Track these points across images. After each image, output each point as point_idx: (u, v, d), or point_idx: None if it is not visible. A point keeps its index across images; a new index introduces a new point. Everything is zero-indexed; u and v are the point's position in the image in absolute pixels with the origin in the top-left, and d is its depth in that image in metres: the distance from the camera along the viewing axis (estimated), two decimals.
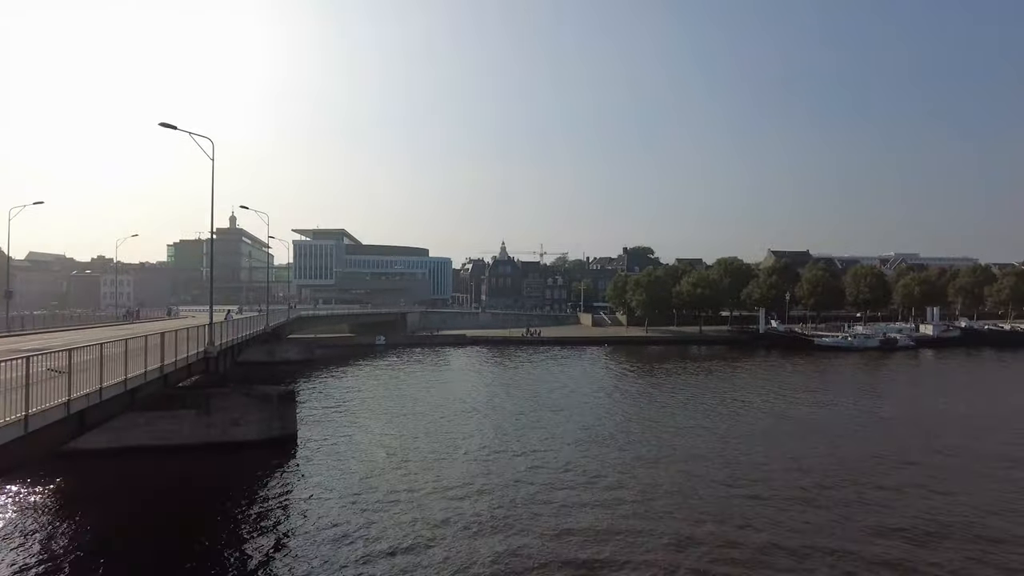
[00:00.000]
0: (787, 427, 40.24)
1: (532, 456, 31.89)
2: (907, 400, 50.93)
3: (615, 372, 68.31)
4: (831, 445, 35.30)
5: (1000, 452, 33.52)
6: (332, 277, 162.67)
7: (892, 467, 30.63)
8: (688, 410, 45.78)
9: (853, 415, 44.22)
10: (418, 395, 51.85)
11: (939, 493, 26.32)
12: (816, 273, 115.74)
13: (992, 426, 40.36)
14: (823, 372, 67.69)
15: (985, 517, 23.28)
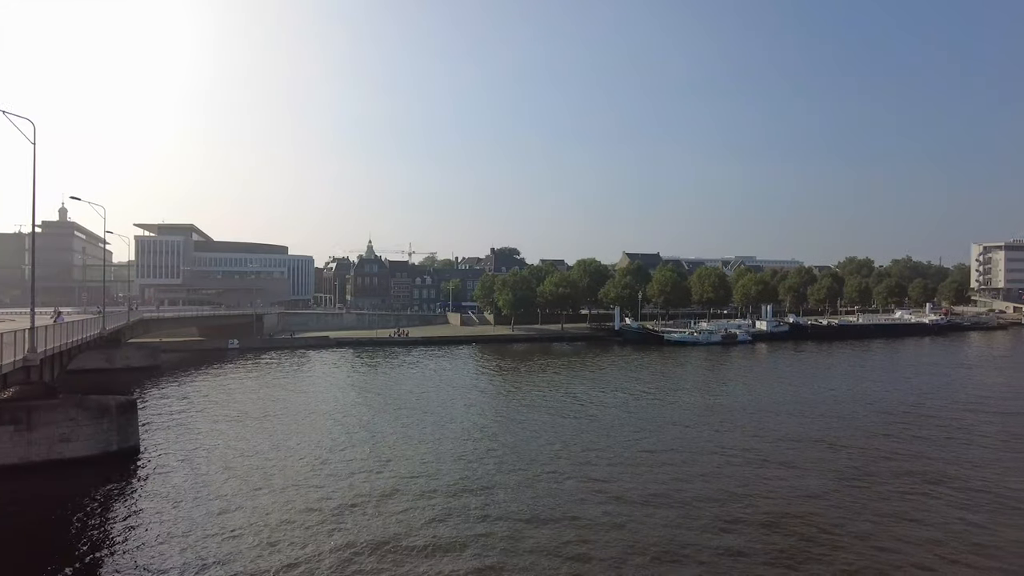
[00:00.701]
0: (638, 418, 43.04)
1: (387, 464, 31.65)
2: (743, 391, 56.14)
3: (482, 370, 69.36)
4: (679, 433, 38.32)
5: (808, 434, 38.12)
6: (179, 276, 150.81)
7: (729, 451, 33.88)
8: (550, 404, 47.62)
9: (698, 406, 48.14)
10: (273, 401, 49.61)
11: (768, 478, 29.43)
12: (666, 274, 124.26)
13: (801, 411, 45.71)
14: (672, 366, 72.96)
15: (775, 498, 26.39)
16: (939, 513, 24.45)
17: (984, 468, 30.64)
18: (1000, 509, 24.96)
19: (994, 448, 34.90)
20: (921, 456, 33.01)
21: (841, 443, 35.59)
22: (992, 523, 23.39)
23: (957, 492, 26.96)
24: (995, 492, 26.96)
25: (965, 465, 31.13)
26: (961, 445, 35.48)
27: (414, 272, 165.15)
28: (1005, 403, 49.10)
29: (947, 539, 21.87)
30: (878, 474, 29.64)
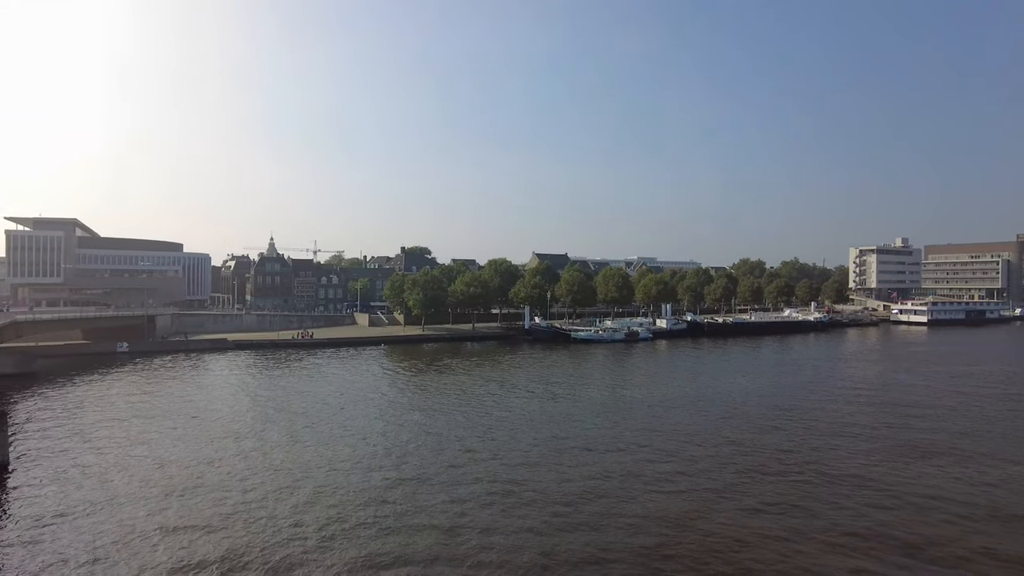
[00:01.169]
0: (549, 413, 43.97)
1: (276, 474, 30.79)
2: (645, 386, 58.46)
3: (389, 372, 68.47)
4: (581, 431, 39.47)
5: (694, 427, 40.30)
6: (60, 275, 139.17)
7: (632, 443, 35.26)
8: (455, 405, 47.80)
9: (600, 402, 49.72)
10: (161, 409, 47.03)
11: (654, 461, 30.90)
12: (573, 274, 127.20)
13: (697, 405, 48.24)
14: (578, 363, 74.85)
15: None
16: (824, 501, 26.55)
17: (856, 458, 33.52)
18: (877, 497, 27.40)
19: (868, 439, 38.21)
20: (805, 448, 35.65)
21: (733, 437, 37.85)
22: (866, 508, 25.67)
23: (834, 483, 29.36)
24: (864, 477, 29.59)
25: (843, 455, 33.98)
26: (840, 437, 38.61)
27: (319, 271, 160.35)
28: (876, 394, 53.89)
29: (831, 527, 23.79)
30: (768, 466, 31.77)
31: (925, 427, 39.96)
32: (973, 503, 25.65)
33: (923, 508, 25.10)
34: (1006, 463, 31.59)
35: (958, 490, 27.34)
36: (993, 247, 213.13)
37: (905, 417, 42.97)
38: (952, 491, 27.17)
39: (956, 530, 22.75)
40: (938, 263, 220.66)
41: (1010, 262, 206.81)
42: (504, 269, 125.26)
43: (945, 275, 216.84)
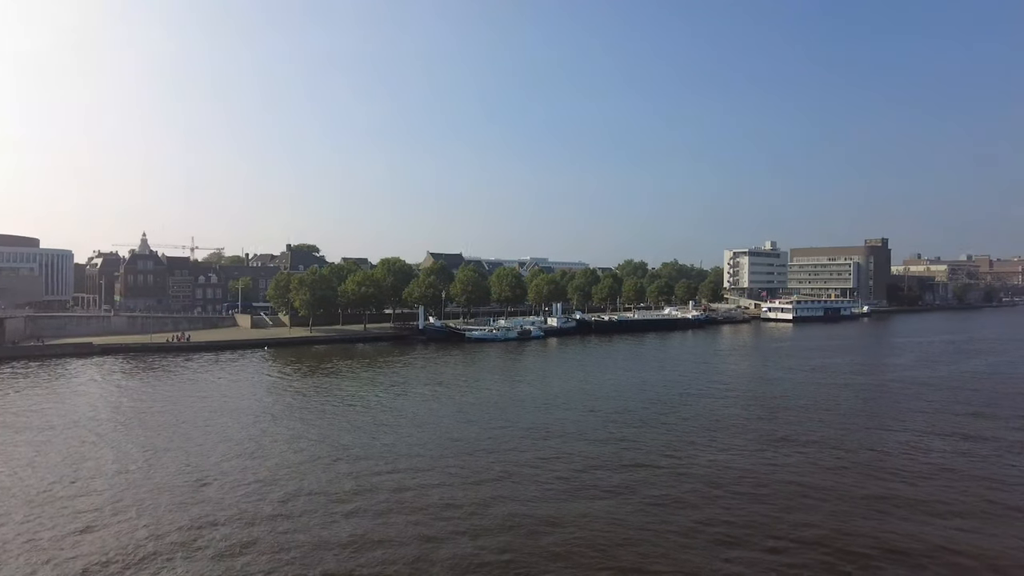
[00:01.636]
0: (439, 414, 43.97)
1: (126, 491, 29.17)
2: (535, 382, 59.78)
3: (271, 376, 65.78)
4: (482, 424, 39.83)
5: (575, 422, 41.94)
6: None
7: (533, 439, 36.05)
8: (342, 410, 46.81)
9: (496, 399, 50.37)
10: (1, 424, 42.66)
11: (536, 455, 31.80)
12: (468, 274, 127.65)
13: (584, 402, 50.13)
14: (472, 362, 75.32)
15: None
16: (701, 494, 28.38)
17: (729, 451, 36.12)
18: (749, 487, 29.64)
19: (741, 431, 41.22)
20: (684, 443, 37.93)
21: (619, 434, 39.60)
22: (737, 498, 27.75)
23: (708, 475, 31.52)
24: (739, 468, 31.99)
25: (718, 448, 36.48)
26: (716, 431, 41.39)
27: (197, 269, 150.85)
28: (748, 387, 58.24)
29: (707, 519, 25.49)
30: (652, 461, 33.55)
31: (790, 419, 43.56)
32: (829, 487, 28.41)
33: (790, 495, 27.50)
34: (861, 450, 35.20)
35: (817, 476, 30.18)
36: (846, 251, 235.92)
37: (772, 409, 46.71)
38: (812, 477, 29.95)
39: (818, 516, 24.92)
40: (801, 265, 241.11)
41: (859, 265, 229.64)
42: (398, 268, 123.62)
43: (807, 276, 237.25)
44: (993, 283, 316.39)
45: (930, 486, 28.11)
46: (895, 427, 40.13)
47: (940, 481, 28.83)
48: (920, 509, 25.19)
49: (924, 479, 29.12)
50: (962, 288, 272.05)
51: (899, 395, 52.49)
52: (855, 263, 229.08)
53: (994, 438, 37.17)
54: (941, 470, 30.25)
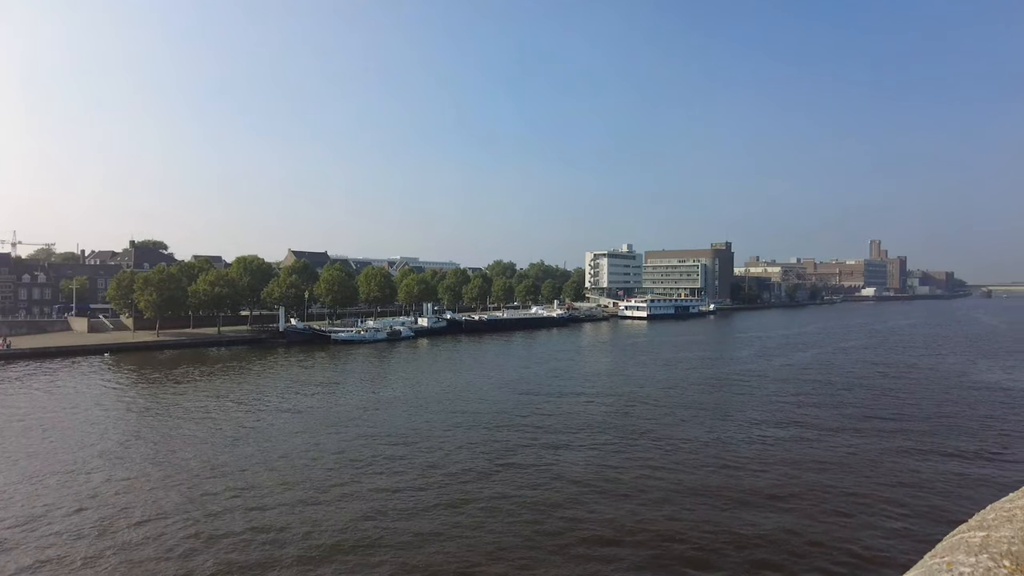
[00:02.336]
0: (297, 420, 42.50)
1: None
2: (404, 384, 59.37)
3: (114, 386, 60.08)
4: (343, 433, 38.97)
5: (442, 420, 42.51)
6: None
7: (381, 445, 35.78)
8: (198, 417, 43.99)
9: (363, 402, 49.46)
10: None
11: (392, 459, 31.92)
12: (333, 273, 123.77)
13: (451, 402, 50.70)
14: (337, 365, 73.28)
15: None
16: (563, 494, 29.67)
17: (592, 449, 38.08)
18: (604, 485, 31.39)
19: (600, 428, 43.51)
20: (540, 444, 39.41)
21: (478, 438, 40.37)
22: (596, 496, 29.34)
23: (569, 475, 33.06)
24: (600, 464, 33.82)
25: (579, 447, 38.31)
26: (578, 432, 43.38)
27: (20, 267, 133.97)
28: (607, 383, 61.48)
29: (568, 527, 26.70)
30: (517, 464, 34.56)
31: (647, 414, 46.54)
32: (685, 483, 30.88)
33: (650, 489, 29.55)
34: (705, 444, 38.45)
35: (675, 472, 32.65)
36: (695, 253, 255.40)
37: (630, 403, 49.72)
38: (670, 473, 32.37)
39: (669, 509, 27.00)
40: (655, 266, 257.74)
41: (706, 266, 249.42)
42: (256, 267, 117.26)
43: (660, 276, 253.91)
44: (817, 283, 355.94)
45: (772, 474, 31.32)
46: (739, 418, 44.17)
47: (780, 470, 32.23)
48: (761, 499, 28.01)
49: (765, 469, 32.37)
50: (792, 288, 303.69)
51: (741, 386, 57.84)
52: (702, 265, 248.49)
53: (819, 425, 42.07)
54: (780, 461, 33.65)
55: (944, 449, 34.49)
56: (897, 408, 46.43)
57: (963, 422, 41.39)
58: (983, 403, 48.12)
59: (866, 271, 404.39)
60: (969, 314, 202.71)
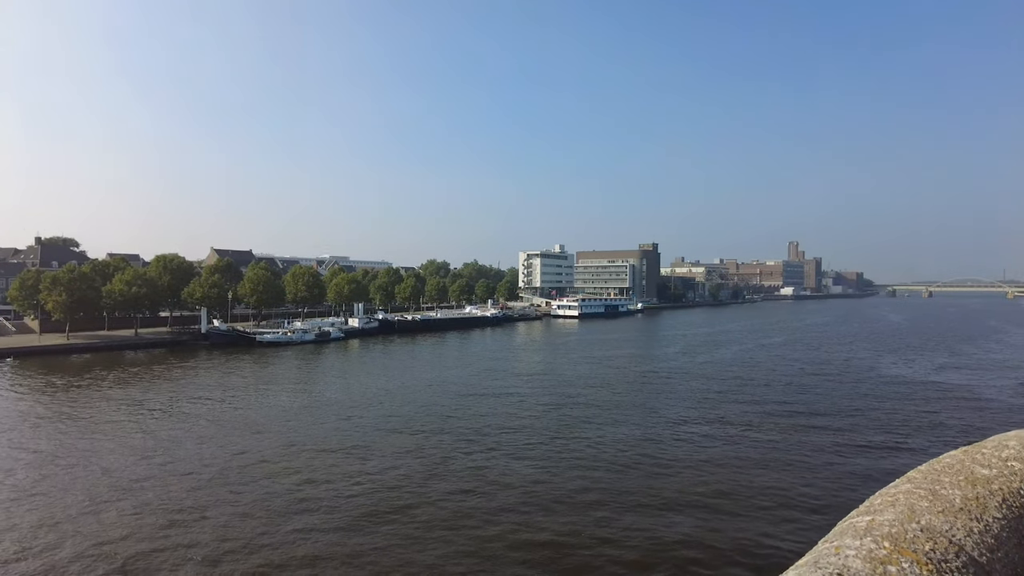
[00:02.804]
0: (217, 427, 41.01)
1: None
2: (333, 386, 58.19)
3: (17, 394, 56.24)
4: (266, 436, 37.85)
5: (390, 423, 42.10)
6: None
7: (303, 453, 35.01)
8: (114, 426, 41.76)
9: (289, 406, 48.18)
10: None
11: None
12: (258, 272, 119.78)
13: (376, 402, 50.15)
14: (262, 368, 71.06)
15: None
16: (492, 498, 29.81)
17: (528, 449, 38.42)
18: (532, 487, 31.73)
19: (531, 429, 43.95)
20: (478, 447, 39.51)
21: (419, 443, 40.11)
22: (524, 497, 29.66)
23: (497, 474, 33.28)
24: (530, 458, 34.18)
25: (511, 441, 38.59)
26: (508, 430, 43.67)
27: None
28: (541, 380, 62.16)
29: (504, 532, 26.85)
30: (454, 472, 34.48)
31: (578, 415, 47.34)
32: (610, 482, 31.58)
33: (578, 491, 30.09)
34: (634, 444, 39.44)
35: (602, 470, 33.36)
36: (623, 254, 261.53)
37: (562, 403, 50.45)
38: (598, 472, 33.05)
39: (606, 512, 27.65)
40: (586, 266, 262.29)
41: (634, 266, 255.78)
42: (176, 266, 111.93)
43: (591, 276, 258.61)
44: (739, 283, 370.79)
45: (697, 472, 32.46)
46: (666, 416, 45.52)
47: (704, 468, 33.46)
48: (687, 497, 28.99)
49: (690, 467, 33.52)
50: (716, 287, 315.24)
51: (668, 383, 59.64)
52: (631, 265, 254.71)
53: (741, 421, 43.90)
54: (705, 460, 34.91)
55: (856, 441, 36.69)
56: (813, 402, 49.06)
57: (872, 414, 44.16)
58: (889, 396, 51.46)
59: (785, 271, 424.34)
60: (876, 312, 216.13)
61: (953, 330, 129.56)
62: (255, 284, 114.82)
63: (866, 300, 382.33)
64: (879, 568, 1.65)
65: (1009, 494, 2.19)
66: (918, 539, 1.82)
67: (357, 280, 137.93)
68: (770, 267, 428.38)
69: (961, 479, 2.26)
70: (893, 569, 1.65)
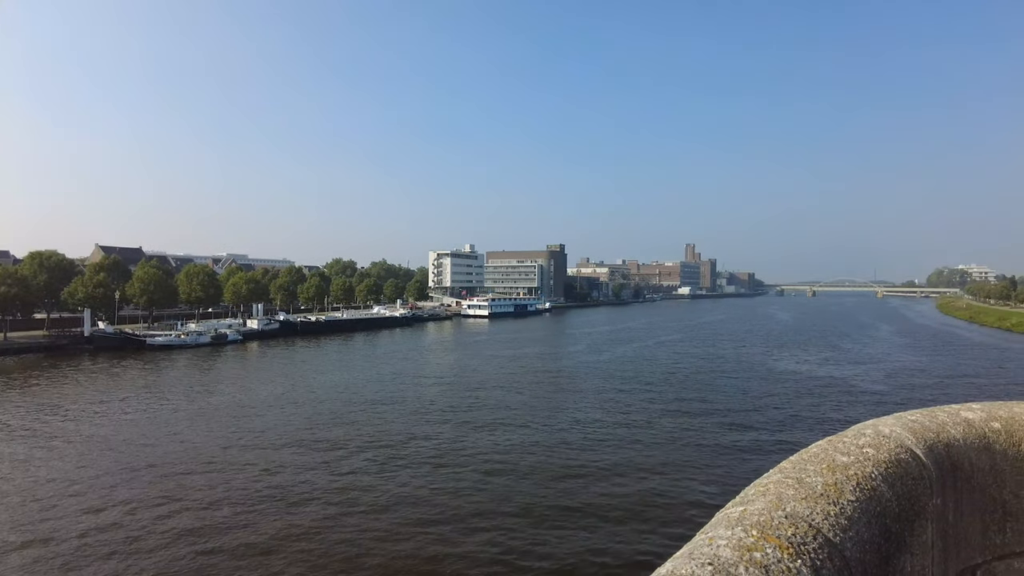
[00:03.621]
0: (107, 438, 38.48)
1: None
2: (228, 392, 55.72)
3: None
4: (154, 450, 35.83)
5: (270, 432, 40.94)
6: None
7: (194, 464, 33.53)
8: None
9: (181, 414, 45.73)
10: None
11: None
12: (149, 271, 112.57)
13: (276, 406, 48.70)
14: (153, 373, 66.96)
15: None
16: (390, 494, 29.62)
17: (432, 450, 38.38)
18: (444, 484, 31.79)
19: (441, 422, 43.94)
20: (391, 456, 39.15)
21: (324, 456, 39.22)
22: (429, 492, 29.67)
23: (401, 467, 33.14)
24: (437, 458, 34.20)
25: (421, 439, 38.43)
26: (425, 425, 43.44)
27: None
28: (450, 381, 62.19)
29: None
30: (369, 485, 33.94)
31: (487, 418, 47.82)
32: (510, 490, 32.15)
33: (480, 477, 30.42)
34: (558, 446, 40.32)
35: (504, 475, 33.89)
36: (532, 254, 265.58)
37: (470, 404, 50.78)
38: (498, 477, 33.54)
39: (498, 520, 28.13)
40: (495, 266, 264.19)
41: (543, 267, 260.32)
42: (54, 264, 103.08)
43: (501, 276, 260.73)
44: (640, 283, 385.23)
45: (602, 472, 33.62)
46: (571, 415, 46.81)
47: (609, 467, 34.68)
48: (588, 496, 29.98)
49: (595, 467, 34.66)
50: (619, 287, 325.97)
51: (574, 380, 61.28)
52: (539, 265, 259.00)
53: (642, 419, 45.83)
54: (609, 461, 36.17)
55: (747, 434, 39.25)
56: (710, 397, 51.93)
57: (763, 408, 47.31)
58: (777, 392, 55.22)
59: (682, 272, 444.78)
60: (766, 310, 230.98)
61: (833, 327, 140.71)
62: (145, 283, 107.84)
63: (757, 299, 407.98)
64: (746, 555, 1.74)
65: (863, 478, 2.38)
66: (782, 525, 1.95)
67: (256, 279, 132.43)
68: (669, 268, 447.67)
69: (824, 467, 2.44)
70: (758, 555, 1.75)
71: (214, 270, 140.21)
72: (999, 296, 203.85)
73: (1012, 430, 3.20)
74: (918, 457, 2.73)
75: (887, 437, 2.79)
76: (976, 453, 3.06)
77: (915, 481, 2.59)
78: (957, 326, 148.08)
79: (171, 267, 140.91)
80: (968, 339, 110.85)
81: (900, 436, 2.84)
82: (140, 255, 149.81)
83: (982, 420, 3.22)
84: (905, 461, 2.63)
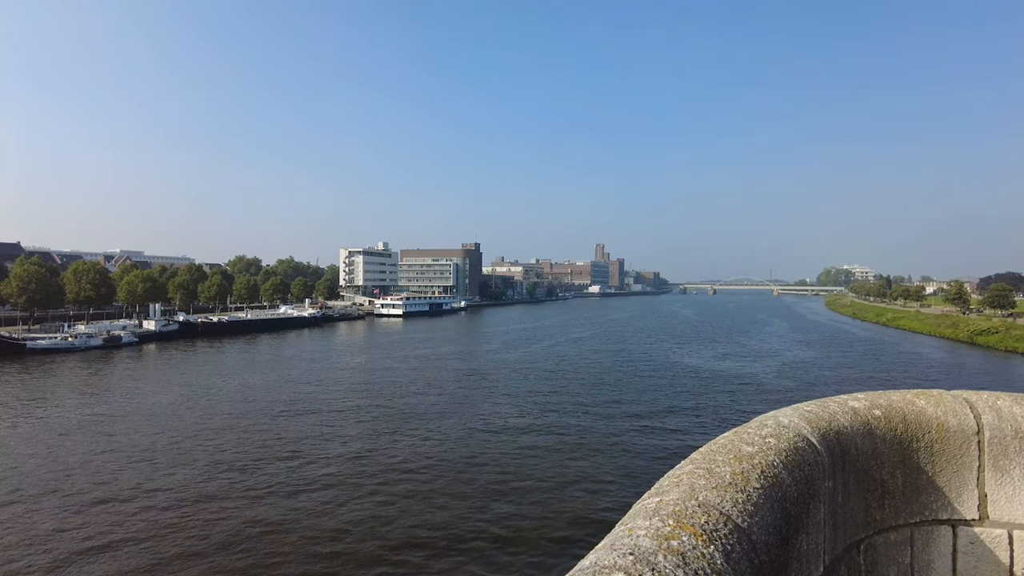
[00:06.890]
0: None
1: None
2: (122, 400, 52.61)
3: None
4: (38, 462, 33.56)
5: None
6: None
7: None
8: None
9: (72, 424, 42.89)
10: None
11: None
12: (29, 268, 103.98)
13: (173, 415, 46.68)
14: (35, 380, 62.07)
15: None
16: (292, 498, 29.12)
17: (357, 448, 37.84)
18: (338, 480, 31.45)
19: (357, 421, 43.32)
20: (294, 468, 38.25)
21: (217, 467, 37.84)
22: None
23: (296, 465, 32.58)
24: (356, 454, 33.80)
25: (334, 440, 37.79)
26: (338, 426, 42.68)
27: None
28: (359, 383, 61.25)
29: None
30: (262, 498, 33.01)
31: (397, 426, 47.48)
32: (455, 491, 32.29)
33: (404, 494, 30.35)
34: (451, 449, 40.52)
35: (419, 481, 33.93)
36: (448, 253, 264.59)
37: (380, 407, 50.30)
38: (408, 482, 33.55)
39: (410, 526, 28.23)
40: (410, 264, 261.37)
41: (458, 265, 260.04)
42: None
43: (415, 275, 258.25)
44: (553, 282, 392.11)
45: (513, 469, 34.22)
46: (486, 413, 47.29)
47: (522, 467, 35.33)
48: (489, 495, 30.52)
49: (507, 467, 35.25)
50: (532, 285, 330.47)
51: (488, 379, 61.77)
52: (454, 264, 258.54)
53: (555, 417, 46.88)
54: (515, 460, 36.89)
55: (657, 426, 41.10)
56: (618, 391, 53.88)
57: (670, 400, 49.65)
58: (683, 387, 57.97)
59: (592, 271, 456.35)
60: (671, 308, 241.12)
61: (732, 323, 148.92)
62: (25, 282, 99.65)
63: (662, 297, 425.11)
64: (664, 543, 1.83)
65: (766, 467, 2.57)
66: (696, 514, 2.05)
67: (153, 277, 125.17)
68: (580, 267, 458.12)
69: (731, 457, 2.63)
70: (675, 543, 1.84)
71: (106, 268, 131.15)
72: (877, 294, 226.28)
73: (890, 416, 3.57)
74: (813, 444, 3.00)
75: (786, 427, 3.07)
76: (861, 438, 3.41)
77: (811, 467, 2.84)
78: (843, 322, 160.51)
79: (56, 264, 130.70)
80: (852, 334, 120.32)
81: (797, 426, 3.13)
82: (19, 251, 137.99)
83: (866, 408, 3.57)
84: (802, 449, 2.88)
